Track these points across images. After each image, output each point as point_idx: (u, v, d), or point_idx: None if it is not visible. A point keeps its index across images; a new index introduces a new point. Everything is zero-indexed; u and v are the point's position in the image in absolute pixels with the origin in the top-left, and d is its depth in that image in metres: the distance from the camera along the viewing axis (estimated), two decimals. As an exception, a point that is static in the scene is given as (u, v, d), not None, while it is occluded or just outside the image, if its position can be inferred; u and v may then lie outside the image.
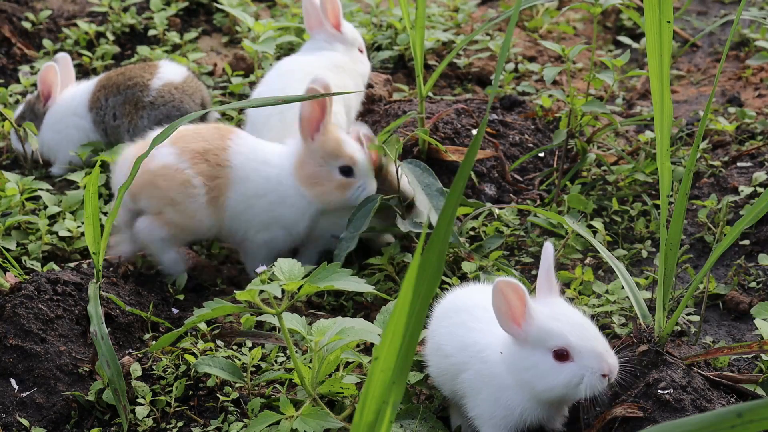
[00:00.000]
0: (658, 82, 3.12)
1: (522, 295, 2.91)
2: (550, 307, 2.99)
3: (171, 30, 6.23)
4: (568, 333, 2.93)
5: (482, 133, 2.16)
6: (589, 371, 2.91)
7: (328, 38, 4.91)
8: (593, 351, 2.92)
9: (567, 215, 4.22)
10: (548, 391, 2.95)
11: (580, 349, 2.92)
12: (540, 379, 2.95)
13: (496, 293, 2.92)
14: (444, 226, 2.06)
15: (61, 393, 3.51)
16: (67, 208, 4.55)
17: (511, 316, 2.95)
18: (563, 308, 3.01)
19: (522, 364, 2.97)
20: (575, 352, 2.92)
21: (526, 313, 2.94)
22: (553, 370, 2.93)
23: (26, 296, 3.65)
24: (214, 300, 3.29)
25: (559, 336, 2.93)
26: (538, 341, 2.94)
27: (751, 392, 3.23)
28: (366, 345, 3.74)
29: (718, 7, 6.44)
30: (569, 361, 2.92)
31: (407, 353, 2.11)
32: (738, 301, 3.90)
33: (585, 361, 2.91)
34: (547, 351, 2.94)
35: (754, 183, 4.43)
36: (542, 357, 2.94)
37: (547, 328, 2.93)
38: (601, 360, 2.92)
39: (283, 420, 3.13)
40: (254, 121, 4.65)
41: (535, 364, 2.95)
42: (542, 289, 3.04)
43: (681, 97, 5.47)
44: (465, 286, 3.36)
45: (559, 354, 2.93)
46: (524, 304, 2.93)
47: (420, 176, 4.02)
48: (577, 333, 2.94)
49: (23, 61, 6.06)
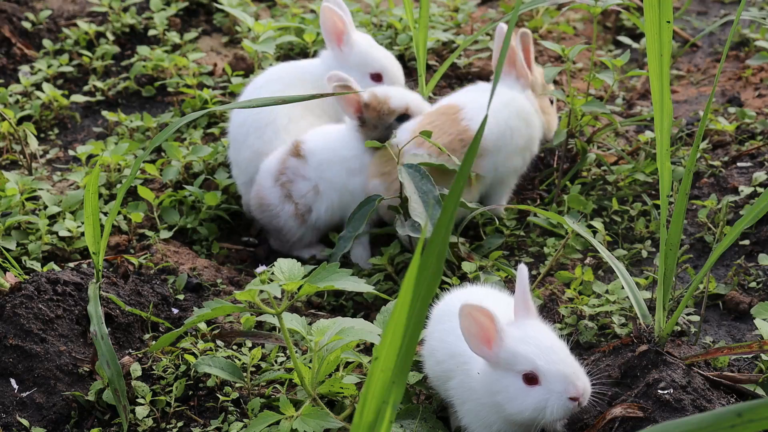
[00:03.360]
0: (658, 82, 3.12)
1: (491, 317, 2.90)
2: (522, 329, 2.97)
3: (171, 30, 6.23)
4: (536, 357, 2.91)
5: (482, 133, 2.16)
6: (555, 395, 2.90)
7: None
8: (560, 374, 2.91)
9: (567, 215, 4.22)
10: (518, 414, 2.95)
11: (546, 373, 2.91)
12: (509, 402, 2.95)
13: (464, 317, 2.90)
14: (444, 227, 2.06)
15: (61, 393, 3.51)
16: (67, 208, 4.55)
17: (482, 339, 2.93)
18: (535, 331, 2.98)
19: (493, 387, 2.97)
20: (542, 376, 2.91)
21: (497, 335, 2.93)
22: (522, 394, 2.93)
23: (26, 296, 3.65)
24: (214, 300, 3.29)
25: (526, 360, 2.92)
26: (507, 364, 2.94)
27: (751, 392, 3.23)
28: (366, 345, 3.74)
29: (718, 7, 6.44)
30: (537, 384, 2.92)
31: (407, 353, 2.11)
32: (738, 301, 3.90)
33: (551, 384, 2.91)
34: (517, 374, 2.93)
35: (754, 183, 4.43)
36: (512, 380, 2.94)
37: (515, 351, 2.93)
38: (568, 383, 2.91)
39: (283, 420, 3.13)
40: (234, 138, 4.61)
41: (506, 387, 2.95)
42: (519, 310, 3.02)
43: (681, 97, 5.47)
44: (463, 289, 3.35)
45: (528, 377, 2.92)
46: (495, 326, 2.92)
47: (419, 182, 3.98)
48: (544, 357, 2.92)
49: (23, 61, 6.06)
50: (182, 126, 5.14)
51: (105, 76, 5.96)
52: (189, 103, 5.41)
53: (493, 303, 3.21)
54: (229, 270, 4.36)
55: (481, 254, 4.17)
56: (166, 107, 5.66)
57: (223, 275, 4.29)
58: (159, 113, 5.60)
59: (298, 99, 3.99)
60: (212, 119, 5.35)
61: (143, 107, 5.70)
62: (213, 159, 4.86)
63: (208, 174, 4.81)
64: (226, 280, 4.27)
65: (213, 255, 4.49)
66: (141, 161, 3.53)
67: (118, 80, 5.87)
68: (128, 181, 3.53)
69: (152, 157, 5.06)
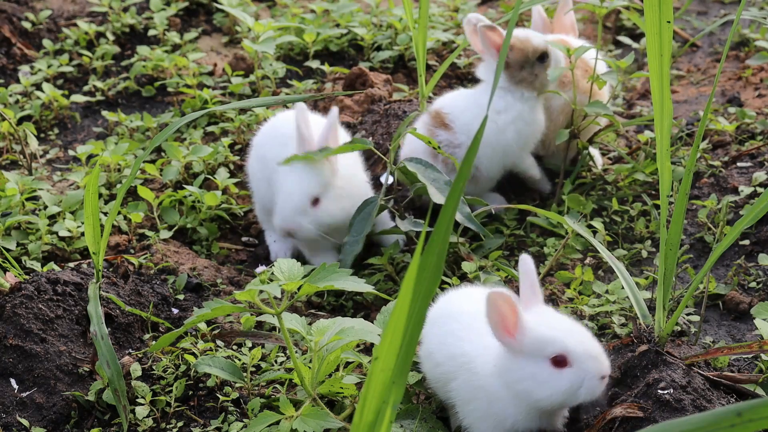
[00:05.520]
0: (658, 82, 3.12)
1: (513, 305, 2.90)
2: (540, 315, 2.97)
3: (171, 30, 6.23)
4: (565, 339, 2.91)
5: (482, 133, 2.16)
6: (589, 374, 2.90)
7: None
8: (591, 354, 2.92)
9: (567, 215, 4.22)
10: (547, 399, 2.94)
11: (577, 354, 2.91)
12: (538, 388, 2.93)
13: (490, 305, 2.90)
14: (444, 227, 2.06)
15: (61, 393, 3.51)
16: (67, 208, 4.55)
17: (504, 327, 2.93)
18: (553, 315, 3.00)
19: (518, 375, 2.96)
20: (573, 357, 2.91)
21: (518, 323, 2.93)
22: (553, 378, 2.91)
23: (26, 296, 3.64)
24: (214, 300, 3.29)
25: (556, 342, 2.91)
26: (534, 350, 2.93)
27: (750, 392, 3.23)
28: (366, 345, 3.74)
29: (718, 7, 6.44)
30: (567, 366, 2.91)
31: (407, 353, 2.11)
32: (738, 301, 3.90)
33: (583, 365, 2.90)
34: (544, 359, 2.92)
35: (754, 183, 4.43)
36: (540, 366, 2.93)
37: (542, 336, 2.92)
38: (598, 362, 2.92)
39: (283, 420, 3.13)
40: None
41: (533, 373, 2.93)
42: (527, 298, 3.01)
43: (681, 97, 5.46)
44: (458, 290, 3.35)
45: (557, 361, 2.91)
46: (516, 314, 2.92)
47: (425, 172, 4.03)
48: (573, 338, 2.93)
49: (23, 61, 6.06)
50: (182, 126, 5.14)
51: (105, 76, 5.96)
52: (189, 103, 5.41)
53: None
54: (229, 270, 4.36)
55: (481, 254, 4.17)
56: (166, 107, 5.66)
57: (223, 275, 4.29)
58: (159, 113, 5.60)
59: (299, 99, 3.99)
60: (212, 119, 5.35)
61: (143, 107, 5.71)
62: (213, 159, 4.86)
63: (208, 174, 4.81)
64: (226, 280, 4.27)
65: (213, 255, 4.49)
66: (141, 161, 3.53)
67: (118, 80, 5.87)
68: (128, 181, 3.53)
69: (152, 157, 5.06)
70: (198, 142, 5.10)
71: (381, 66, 5.76)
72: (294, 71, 5.73)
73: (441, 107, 4.44)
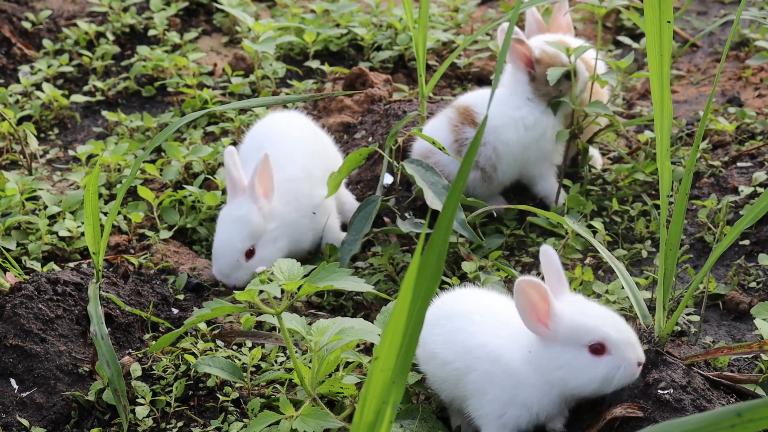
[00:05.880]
0: (658, 82, 3.12)
1: (544, 293, 2.92)
2: (573, 303, 3.00)
3: (171, 30, 6.23)
4: (603, 326, 2.93)
5: (482, 133, 2.16)
6: (627, 362, 2.94)
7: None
8: (629, 341, 2.95)
9: (567, 215, 4.22)
10: (584, 386, 2.96)
11: (615, 342, 2.93)
12: (575, 376, 2.96)
13: (519, 293, 2.91)
14: (444, 227, 2.06)
15: (61, 393, 3.51)
16: (67, 208, 4.55)
17: (535, 315, 2.95)
18: (587, 303, 3.02)
19: (554, 363, 2.97)
20: (612, 345, 2.93)
21: (551, 311, 2.94)
22: (590, 366, 2.94)
23: (26, 296, 3.64)
24: (214, 300, 3.29)
25: (594, 331, 2.93)
26: (570, 338, 2.95)
27: (751, 392, 3.23)
28: (366, 345, 3.74)
29: (718, 7, 6.44)
30: (606, 354, 2.94)
31: (407, 353, 2.11)
32: (738, 301, 3.90)
33: (622, 352, 2.93)
34: (582, 347, 2.94)
35: (754, 183, 4.43)
36: (576, 353, 2.95)
37: (579, 324, 2.94)
38: (635, 349, 2.95)
39: (283, 420, 3.13)
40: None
41: (569, 361, 2.95)
42: (554, 288, 3.03)
43: (681, 97, 5.46)
44: (450, 293, 3.35)
45: (594, 349, 2.94)
46: (547, 302, 2.93)
47: (424, 175, 4.03)
48: (610, 325, 2.95)
49: (23, 61, 6.06)
50: (182, 126, 5.14)
51: (105, 76, 5.96)
52: (189, 103, 5.41)
53: (490, 303, 3.22)
54: (229, 270, 4.35)
55: (481, 254, 4.17)
56: (166, 107, 5.66)
57: (223, 275, 4.29)
58: (159, 113, 5.60)
59: (299, 99, 3.99)
60: (212, 119, 5.35)
61: (143, 107, 5.71)
62: (213, 159, 4.86)
63: (208, 174, 4.81)
64: (226, 280, 4.27)
65: (213, 255, 4.49)
66: (141, 161, 3.53)
67: (118, 80, 5.87)
68: (128, 181, 3.53)
69: (152, 157, 5.06)
70: (198, 142, 5.10)
71: (381, 66, 5.76)
72: (294, 71, 5.73)
73: (471, 104, 4.45)
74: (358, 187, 4.69)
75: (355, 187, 4.69)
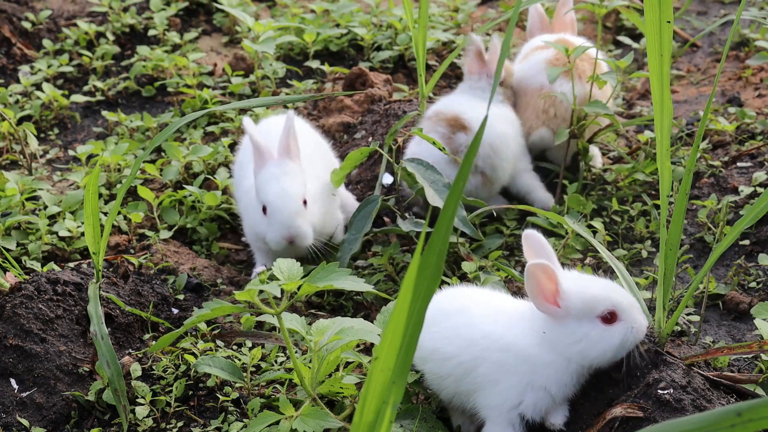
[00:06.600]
0: (658, 82, 3.12)
1: (552, 274, 3.00)
2: (574, 279, 3.07)
3: (171, 30, 6.23)
4: (611, 295, 3.03)
5: (482, 133, 2.16)
6: (637, 323, 3.04)
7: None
8: (635, 306, 3.05)
9: (567, 215, 4.22)
10: (602, 356, 3.04)
11: (626, 307, 3.03)
12: (593, 348, 3.03)
13: (529, 277, 2.99)
14: (444, 227, 2.06)
15: (61, 393, 3.51)
16: (67, 208, 4.55)
17: (544, 297, 3.03)
18: (585, 277, 3.11)
19: (571, 339, 3.04)
20: (622, 311, 3.03)
21: (560, 290, 3.02)
22: (606, 335, 3.02)
23: (26, 296, 3.64)
24: (214, 300, 3.28)
25: (605, 300, 3.02)
26: (583, 312, 3.02)
27: (750, 392, 3.23)
28: (366, 345, 3.74)
29: (718, 7, 6.44)
30: (617, 321, 3.02)
31: (407, 353, 2.11)
32: (738, 301, 3.90)
33: (632, 317, 3.03)
34: (594, 318, 3.02)
35: (754, 183, 4.43)
36: (590, 326, 3.03)
37: (589, 297, 3.02)
38: (641, 312, 3.06)
39: (283, 420, 3.13)
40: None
41: (586, 333, 3.02)
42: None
43: (681, 97, 5.47)
44: (440, 293, 3.35)
45: (606, 318, 3.02)
46: (556, 282, 3.01)
47: (425, 173, 4.04)
48: (617, 293, 3.05)
49: (23, 61, 6.06)
50: (182, 126, 5.14)
51: (105, 76, 5.96)
52: (189, 103, 5.41)
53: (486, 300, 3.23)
54: (229, 270, 4.36)
55: (481, 254, 4.17)
56: (166, 107, 5.66)
57: (223, 275, 4.29)
58: (159, 113, 5.60)
59: (299, 99, 3.99)
60: (212, 119, 5.35)
61: (143, 107, 5.71)
62: (213, 159, 4.86)
63: (208, 174, 4.81)
64: (226, 280, 4.27)
65: (213, 255, 4.49)
66: (141, 161, 3.53)
67: (118, 80, 5.87)
68: (128, 181, 3.53)
69: (152, 157, 5.06)
70: (198, 142, 5.10)
71: (381, 66, 5.76)
72: (294, 71, 5.73)
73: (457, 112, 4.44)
74: (358, 187, 4.69)
75: (355, 187, 4.69)
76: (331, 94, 4.16)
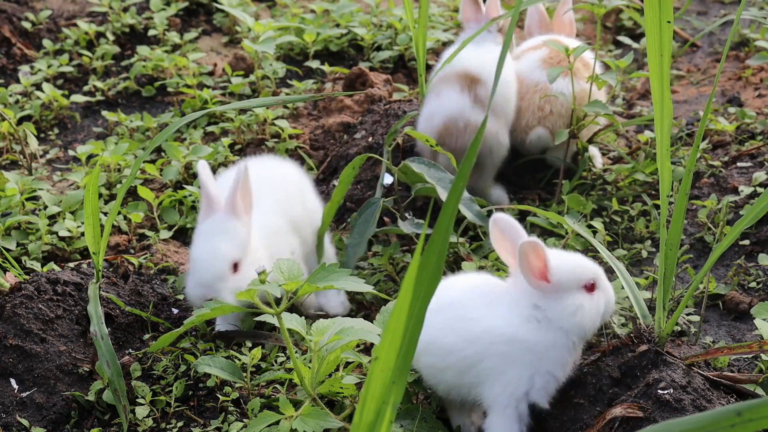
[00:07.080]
0: (658, 82, 3.12)
1: (541, 251, 3.05)
2: (554, 253, 3.12)
3: (171, 30, 6.23)
4: (591, 265, 3.13)
5: (482, 133, 2.16)
6: (609, 291, 3.15)
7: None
8: (602, 273, 3.14)
9: (567, 215, 4.22)
10: (593, 324, 3.12)
11: (602, 275, 3.13)
12: (587, 316, 3.10)
13: (523, 255, 3.04)
14: (444, 227, 2.06)
15: (61, 393, 3.51)
16: (67, 208, 4.55)
17: (537, 274, 3.08)
18: (559, 251, 3.19)
19: (567, 311, 3.09)
20: (599, 279, 3.13)
21: (548, 265, 3.07)
22: (592, 303, 3.10)
23: (26, 296, 3.65)
24: (214, 300, 3.28)
25: (589, 269, 3.12)
26: (571, 283, 3.09)
27: (750, 392, 3.23)
28: (366, 345, 3.74)
29: (718, 7, 6.44)
30: (596, 289, 3.12)
31: (407, 353, 2.11)
32: (738, 301, 3.90)
33: (606, 283, 3.14)
34: (580, 288, 3.10)
35: (754, 183, 4.43)
36: (578, 295, 3.10)
37: (575, 268, 3.10)
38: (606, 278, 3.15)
39: (283, 420, 3.13)
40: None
41: (580, 303, 3.09)
42: None
43: (681, 97, 5.47)
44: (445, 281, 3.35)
45: (588, 286, 3.11)
46: (544, 258, 3.06)
47: (428, 172, 4.03)
48: (592, 263, 3.14)
49: (23, 61, 6.06)
50: (182, 126, 5.14)
51: (105, 76, 5.96)
52: (189, 103, 5.41)
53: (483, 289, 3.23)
54: (229, 270, 4.35)
55: (481, 254, 4.17)
56: (166, 107, 5.66)
57: (223, 275, 4.29)
58: (159, 113, 5.60)
59: (299, 99, 3.99)
60: (212, 119, 5.35)
61: (143, 107, 5.71)
62: (213, 159, 4.86)
63: (208, 174, 4.81)
64: (226, 280, 4.26)
65: (213, 255, 4.48)
66: (141, 161, 3.53)
67: (118, 80, 5.87)
68: (128, 181, 3.53)
69: (152, 157, 5.06)
70: (198, 142, 5.10)
71: (381, 66, 5.76)
72: (294, 71, 5.73)
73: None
74: (358, 187, 4.69)
75: (355, 187, 4.69)
76: (331, 94, 4.16)
